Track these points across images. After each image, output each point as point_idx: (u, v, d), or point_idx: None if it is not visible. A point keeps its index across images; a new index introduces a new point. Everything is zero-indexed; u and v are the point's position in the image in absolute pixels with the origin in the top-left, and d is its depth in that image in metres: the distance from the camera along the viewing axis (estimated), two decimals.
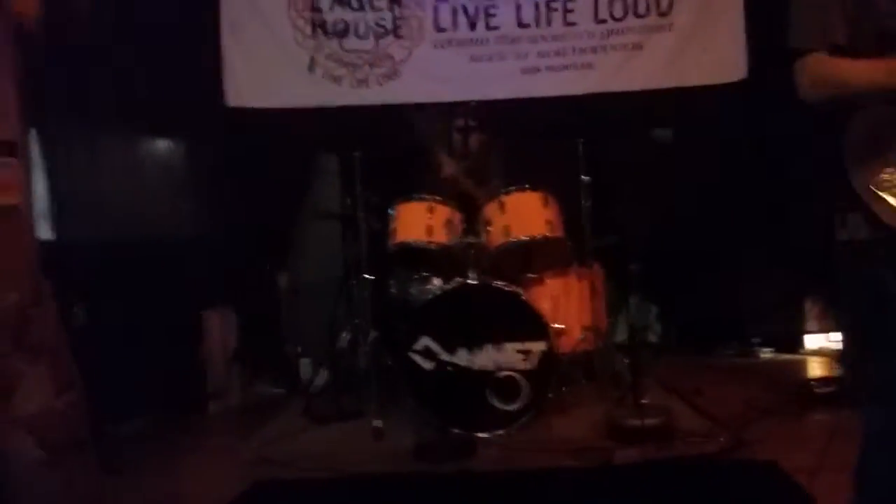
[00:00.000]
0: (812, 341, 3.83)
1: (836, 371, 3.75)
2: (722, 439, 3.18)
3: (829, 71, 1.83)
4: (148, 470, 3.28)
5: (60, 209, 3.68)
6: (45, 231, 3.55)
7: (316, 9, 4.56)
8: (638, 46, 4.55)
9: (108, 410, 3.56)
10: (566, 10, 4.55)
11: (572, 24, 4.55)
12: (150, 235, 3.97)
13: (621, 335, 4.51)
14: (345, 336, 4.20)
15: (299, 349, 4.56)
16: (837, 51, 1.83)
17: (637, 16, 4.55)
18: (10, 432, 1.41)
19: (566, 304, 4.16)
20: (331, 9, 4.56)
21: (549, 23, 4.56)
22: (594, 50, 4.56)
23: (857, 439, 1.83)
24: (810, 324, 3.98)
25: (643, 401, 3.48)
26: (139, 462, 3.33)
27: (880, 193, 1.74)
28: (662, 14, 4.53)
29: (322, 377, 4.20)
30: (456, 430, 3.49)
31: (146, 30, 4.07)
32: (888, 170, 1.74)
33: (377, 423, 3.55)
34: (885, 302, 1.81)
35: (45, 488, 1.45)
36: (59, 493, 1.47)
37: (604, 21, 4.54)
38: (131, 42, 3.98)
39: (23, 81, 2.35)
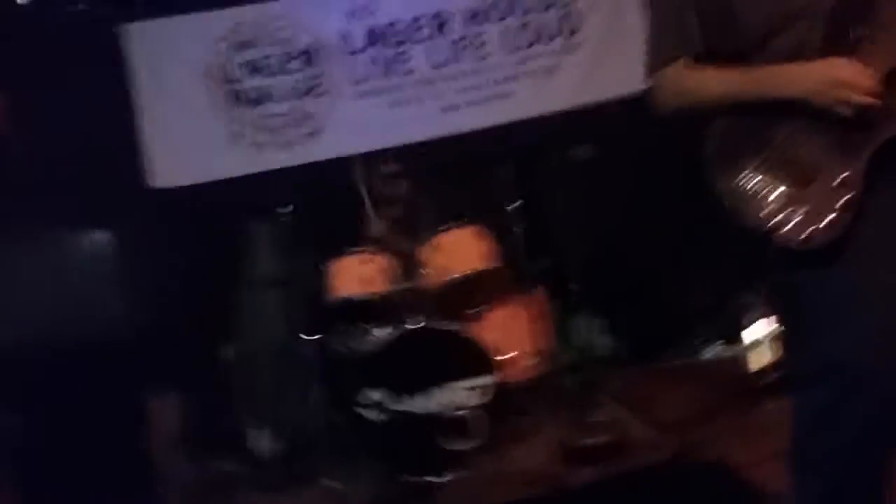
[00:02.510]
0: (753, 332, 3.81)
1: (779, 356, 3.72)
2: (672, 446, 3.16)
3: (688, 82, 1.87)
4: None
5: None
6: None
7: (230, 80, 4.58)
8: (553, 69, 4.62)
9: None
10: (477, 46, 4.62)
11: (484, 57, 4.61)
12: (78, 335, 3.82)
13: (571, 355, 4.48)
14: (293, 400, 4.13)
15: (249, 420, 4.47)
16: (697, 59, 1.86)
17: (549, 40, 4.63)
18: None
19: (513, 332, 4.13)
20: (246, 78, 4.58)
21: (461, 60, 4.62)
22: (509, 79, 4.62)
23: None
24: (749, 316, 3.97)
25: (593, 419, 3.45)
26: None
27: (737, 196, 1.83)
28: (572, 33, 4.63)
29: (274, 445, 4.12)
30: (412, 479, 3.44)
31: (57, 117, 4.05)
32: (744, 174, 1.81)
33: (330, 484, 3.49)
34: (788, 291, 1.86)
35: None
36: None
37: (517, 49, 4.61)
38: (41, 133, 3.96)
39: None
